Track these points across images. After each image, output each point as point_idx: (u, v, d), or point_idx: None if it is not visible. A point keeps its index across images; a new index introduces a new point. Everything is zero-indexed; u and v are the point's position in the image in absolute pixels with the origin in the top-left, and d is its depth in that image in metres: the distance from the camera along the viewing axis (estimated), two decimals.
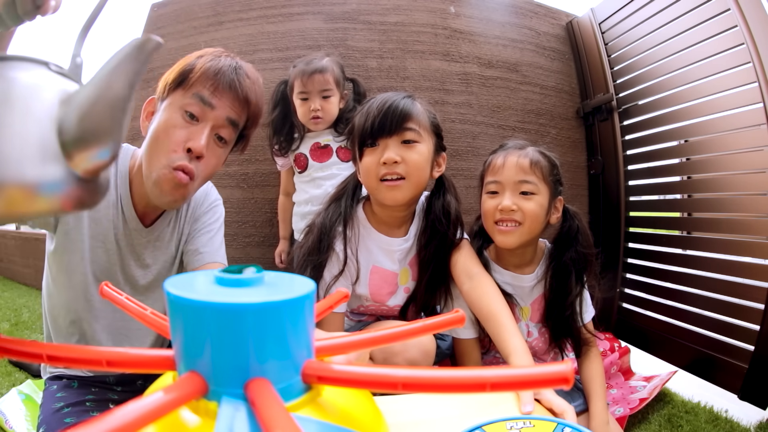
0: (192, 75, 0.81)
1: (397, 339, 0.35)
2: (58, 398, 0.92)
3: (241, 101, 0.84)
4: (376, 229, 1.07)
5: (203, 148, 0.80)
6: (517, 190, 1.01)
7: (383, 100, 0.99)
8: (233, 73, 0.83)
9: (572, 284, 1.06)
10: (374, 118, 0.97)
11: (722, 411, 1.38)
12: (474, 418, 0.57)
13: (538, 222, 1.02)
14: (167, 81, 0.84)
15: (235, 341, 0.23)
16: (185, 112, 0.81)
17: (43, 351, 0.24)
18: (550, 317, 1.08)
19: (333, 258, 1.04)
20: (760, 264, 1.36)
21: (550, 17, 2.07)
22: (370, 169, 0.99)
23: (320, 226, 1.04)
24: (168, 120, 0.81)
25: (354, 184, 1.10)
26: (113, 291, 0.39)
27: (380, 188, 0.99)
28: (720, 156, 1.49)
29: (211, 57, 0.84)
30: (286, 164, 1.61)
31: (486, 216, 1.06)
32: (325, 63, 1.47)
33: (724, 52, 1.41)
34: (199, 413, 0.23)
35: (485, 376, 0.22)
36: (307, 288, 0.26)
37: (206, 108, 0.81)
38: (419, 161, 0.99)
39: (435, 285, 1.09)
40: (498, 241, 1.05)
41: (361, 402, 0.29)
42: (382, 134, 0.97)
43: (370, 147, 0.99)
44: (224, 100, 0.82)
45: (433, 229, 1.05)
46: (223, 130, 0.84)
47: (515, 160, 1.02)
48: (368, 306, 1.13)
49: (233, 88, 0.83)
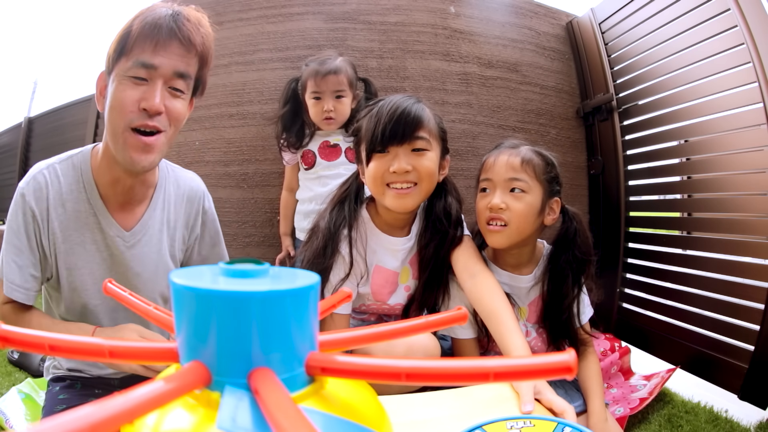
0: (130, 39, 0.79)
1: (400, 335, 0.35)
2: (61, 400, 0.92)
3: (185, 47, 0.82)
4: (380, 229, 1.08)
5: (159, 106, 0.80)
6: (507, 188, 1.01)
7: (393, 105, 0.97)
8: (171, 21, 0.81)
9: (569, 287, 1.05)
10: (385, 125, 0.95)
11: (722, 411, 1.38)
12: (474, 418, 0.57)
13: (527, 222, 1.01)
14: (109, 53, 0.82)
15: (239, 330, 0.23)
16: (132, 77, 0.80)
17: (45, 341, 0.24)
18: (547, 318, 1.08)
19: (339, 261, 1.04)
20: (760, 264, 1.36)
21: (550, 17, 2.07)
22: (378, 175, 0.98)
23: (325, 230, 1.03)
24: (117, 90, 0.80)
25: (357, 186, 1.10)
26: (117, 288, 0.39)
27: (387, 194, 0.99)
28: (720, 156, 1.50)
29: (146, 13, 0.82)
30: (292, 160, 1.61)
31: (478, 215, 1.06)
32: (339, 64, 1.47)
33: (724, 52, 1.41)
34: (201, 403, 0.23)
35: (489, 366, 0.22)
36: (312, 280, 0.26)
37: (150, 70, 0.80)
38: (430, 168, 0.98)
39: (435, 284, 1.09)
40: (488, 241, 1.05)
41: (365, 395, 0.29)
42: (393, 142, 0.96)
43: (379, 153, 0.98)
44: (168, 53, 0.81)
45: (434, 229, 1.06)
46: (176, 82, 0.83)
47: (506, 158, 1.02)
48: (369, 305, 1.14)
49: (174, 37, 0.81)
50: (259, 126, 1.82)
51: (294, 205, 1.64)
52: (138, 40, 0.79)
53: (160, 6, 0.83)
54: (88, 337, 0.26)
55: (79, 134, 3.09)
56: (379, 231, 1.07)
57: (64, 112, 3.59)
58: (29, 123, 4.12)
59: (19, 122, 4.20)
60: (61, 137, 3.51)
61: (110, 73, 0.82)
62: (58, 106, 3.69)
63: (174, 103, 0.83)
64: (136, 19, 0.81)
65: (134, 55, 0.79)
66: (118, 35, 0.81)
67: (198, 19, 0.85)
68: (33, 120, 4.11)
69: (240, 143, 1.83)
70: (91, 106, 3.14)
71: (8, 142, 4.41)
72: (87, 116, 3.14)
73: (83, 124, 3.16)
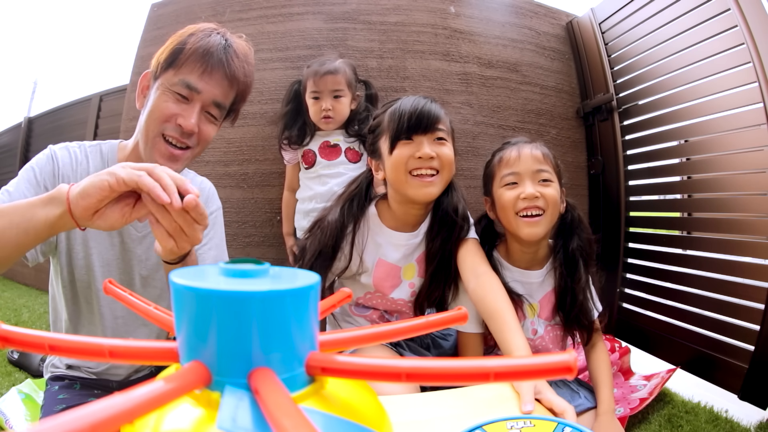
0: (182, 56, 0.84)
1: (401, 335, 0.35)
2: (60, 400, 0.92)
3: (229, 81, 0.88)
4: (387, 225, 1.10)
5: (194, 127, 0.85)
6: (536, 178, 1.04)
7: (415, 102, 1.03)
8: (223, 53, 0.86)
9: (581, 272, 1.08)
10: (411, 115, 1.01)
11: (722, 411, 1.38)
12: (474, 418, 0.57)
13: (557, 209, 1.06)
14: (159, 60, 0.86)
15: (239, 330, 0.23)
16: (176, 93, 0.85)
17: (45, 341, 0.24)
18: (562, 307, 1.10)
19: (339, 255, 1.08)
20: (760, 264, 1.36)
21: (550, 17, 2.08)
22: (401, 161, 1.02)
23: (333, 225, 1.06)
24: (160, 99, 0.85)
25: (367, 184, 1.13)
26: (116, 288, 0.39)
27: (411, 183, 1.02)
28: (720, 156, 1.50)
29: (202, 35, 0.86)
30: (293, 159, 1.63)
31: (506, 208, 1.06)
32: (338, 64, 1.51)
33: (724, 52, 1.41)
34: (201, 403, 0.23)
35: (489, 366, 0.22)
36: (312, 280, 0.26)
37: (193, 92, 0.85)
38: (451, 157, 1.04)
39: (440, 279, 1.11)
40: (525, 233, 1.05)
41: (365, 396, 0.29)
42: (417, 131, 1.01)
43: (404, 140, 1.02)
44: (212, 82, 0.86)
45: (441, 223, 1.08)
46: (212, 109, 0.89)
47: (529, 151, 1.06)
48: (371, 298, 1.15)
49: (221, 69, 0.86)
50: (259, 126, 1.83)
51: (295, 205, 1.65)
52: (189, 60, 0.84)
53: (214, 31, 0.88)
54: (88, 337, 0.25)
55: (79, 134, 3.08)
56: (385, 227, 1.10)
57: (64, 112, 3.58)
58: (29, 123, 4.11)
59: (19, 122, 4.20)
60: (61, 137, 3.48)
61: (156, 78, 0.87)
62: (58, 106, 3.68)
63: (206, 127, 0.89)
64: (191, 37, 0.86)
65: (182, 73, 0.84)
66: (171, 46, 0.86)
67: (245, 55, 0.91)
68: (33, 120, 4.11)
69: (240, 143, 1.83)
70: (90, 106, 3.14)
71: (8, 142, 4.40)
72: (87, 116, 3.14)
73: (83, 124, 3.16)
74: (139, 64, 2.04)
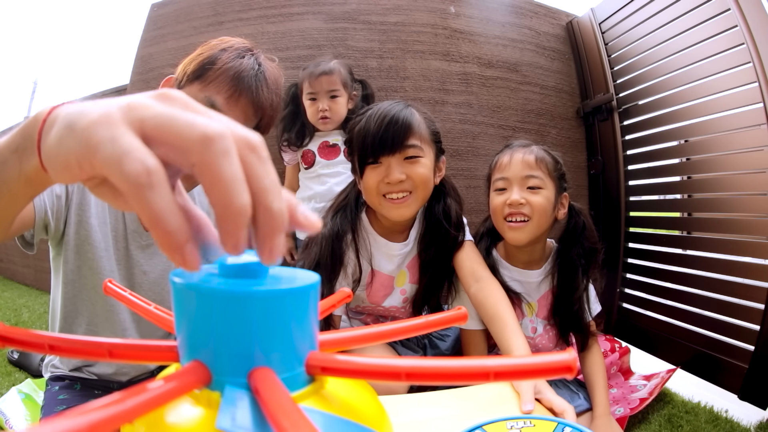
0: (212, 72, 0.80)
1: (402, 335, 0.35)
2: (60, 400, 0.91)
3: (254, 109, 0.84)
4: (379, 234, 1.08)
5: None
6: (524, 185, 1.03)
7: (381, 115, 0.96)
8: (253, 80, 0.82)
9: (579, 279, 1.07)
10: (374, 136, 0.95)
11: (722, 411, 1.38)
12: (474, 418, 0.57)
13: (545, 216, 1.03)
14: (187, 69, 0.82)
15: (239, 329, 0.23)
16: None
17: (45, 341, 0.24)
18: (557, 313, 1.09)
19: (346, 265, 1.04)
20: (760, 264, 1.36)
21: (550, 17, 2.08)
22: (372, 187, 0.98)
23: (328, 236, 1.02)
24: None
25: (356, 193, 1.10)
26: (116, 287, 0.39)
27: (384, 205, 0.99)
28: (720, 156, 1.50)
29: (235, 54, 0.82)
30: (293, 159, 1.64)
31: (495, 213, 1.07)
32: (333, 65, 1.52)
33: (724, 52, 1.41)
34: (201, 403, 0.23)
35: (489, 365, 0.22)
36: (312, 279, 0.26)
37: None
38: (424, 175, 0.98)
39: (436, 286, 1.10)
40: (509, 238, 1.05)
41: (365, 395, 0.29)
42: (383, 152, 0.96)
43: (371, 165, 0.98)
44: (237, 108, 0.81)
45: (433, 232, 1.06)
46: None
47: (521, 156, 1.04)
48: (365, 306, 1.15)
49: (248, 95, 0.82)
50: None
51: None
52: (219, 79, 0.80)
53: (248, 51, 0.84)
54: (88, 337, 0.25)
55: None
56: (378, 236, 1.08)
57: None
58: None
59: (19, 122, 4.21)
60: None
61: (180, 86, 0.82)
62: None
63: None
64: (224, 53, 0.81)
65: (209, 90, 0.80)
66: (202, 58, 0.81)
67: (276, 84, 0.87)
68: None
69: None
70: None
71: None
72: None
73: None
74: (139, 64, 2.04)
